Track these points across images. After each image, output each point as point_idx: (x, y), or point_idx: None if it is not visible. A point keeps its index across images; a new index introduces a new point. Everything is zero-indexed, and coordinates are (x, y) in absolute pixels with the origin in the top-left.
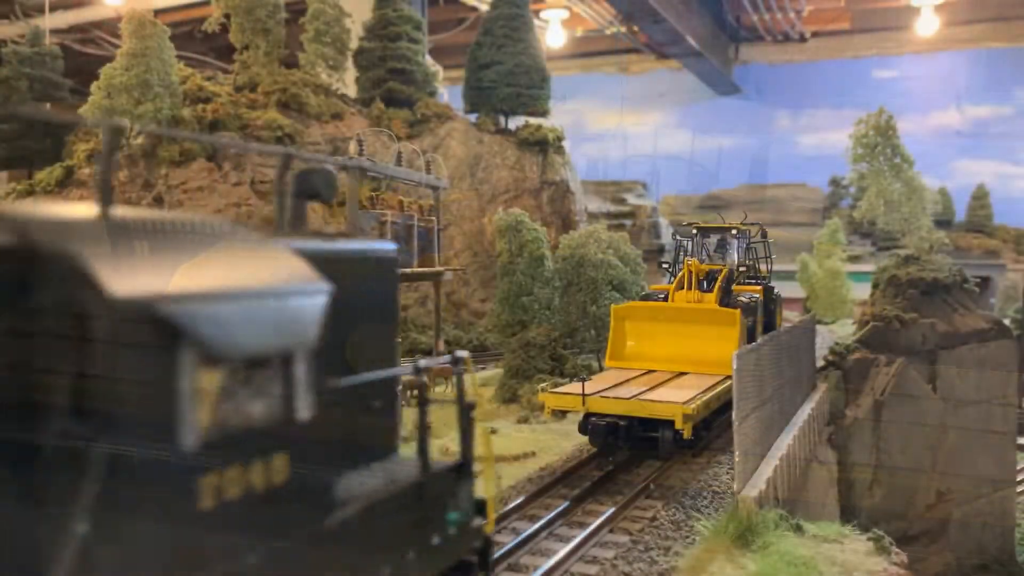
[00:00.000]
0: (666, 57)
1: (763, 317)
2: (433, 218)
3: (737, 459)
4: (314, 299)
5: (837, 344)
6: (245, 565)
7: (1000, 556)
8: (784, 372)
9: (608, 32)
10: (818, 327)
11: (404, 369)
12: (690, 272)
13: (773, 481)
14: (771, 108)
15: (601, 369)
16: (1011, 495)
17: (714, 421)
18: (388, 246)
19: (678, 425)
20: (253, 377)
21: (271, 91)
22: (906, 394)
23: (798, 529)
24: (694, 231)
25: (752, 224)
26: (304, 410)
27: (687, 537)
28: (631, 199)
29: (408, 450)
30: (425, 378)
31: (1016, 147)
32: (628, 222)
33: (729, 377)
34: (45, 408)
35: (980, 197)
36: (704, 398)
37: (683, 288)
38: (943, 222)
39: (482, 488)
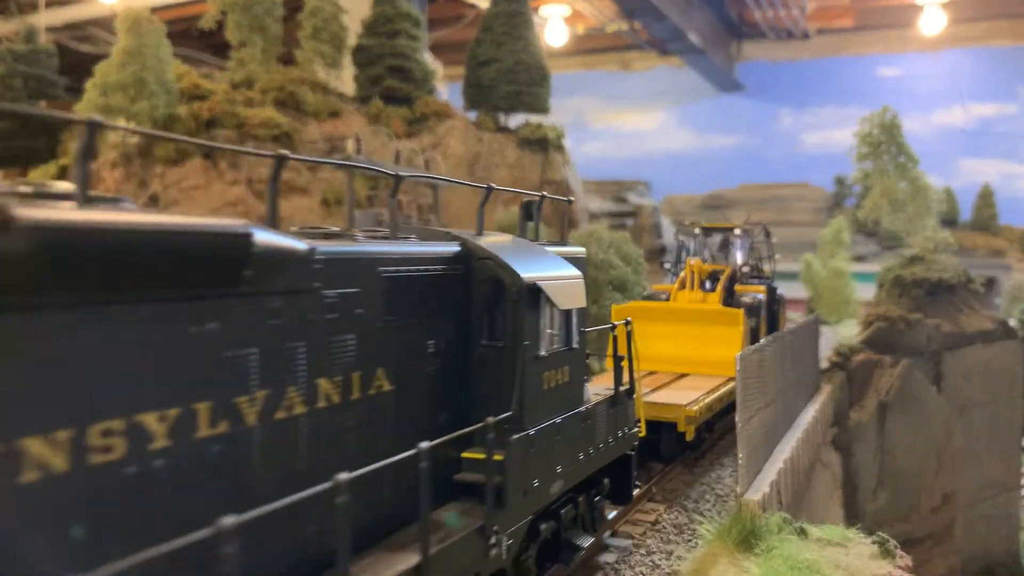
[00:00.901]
0: (668, 54)
1: (766, 318)
2: (432, 217)
3: (740, 462)
4: (581, 280)
5: (841, 345)
6: (555, 424)
7: (1005, 559)
8: (788, 374)
9: (609, 30)
10: (822, 327)
11: (607, 327)
12: (692, 272)
13: (777, 484)
14: (774, 106)
15: (602, 370)
16: (1016, 497)
17: (716, 423)
18: (581, 248)
19: (680, 427)
20: (562, 321)
21: (268, 89)
22: (911, 395)
23: (802, 532)
24: (697, 231)
25: (755, 224)
26: (575, 343)
27: (690, 541)
28: (632, 198)
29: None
30: (615, 333)
31: (1021, 146)
32: (629, 221)
33: (732, 379)
34: (481, 331)
35: (985, 196)
36: (707, 400)
37: (685, 288)
38: (948, 221)
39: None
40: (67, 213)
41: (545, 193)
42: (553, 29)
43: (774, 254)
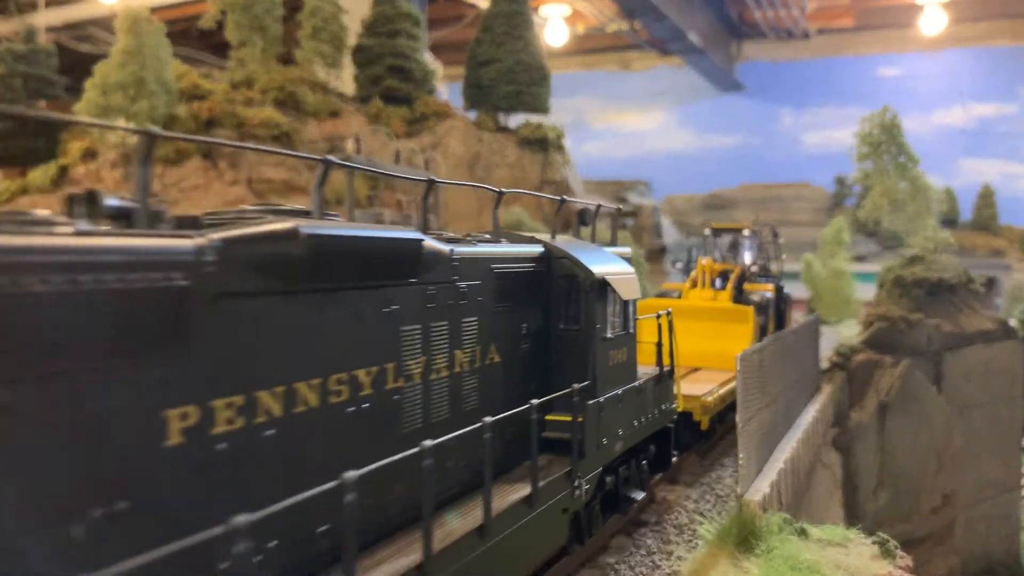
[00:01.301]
0: (668, 54)
1: (774, 315)
2: (431, 217)
3: (740, 462)
4: (635, 275)
5: (841, 345)
6: (618, 394)
7: (1006, 559)
8: (788, 374)
9: (609, 30)
10: (822, 327)
11: (654, 314)
12: (704, 271)
13: (777, 484)
14: (774, 106)
15: None
16: (1017, 497)
17: (726, 416)
18: (628, 248)
19: (696, 416)
20: (622, 309)
21: (268, 89)
22: (911, 396)
23: (802, 533)
24: (707, 231)
25: (764, 225)
26: (631, 328)
27: (690, 541)
28: (633, 198)
29: None
30: (661, 321)
31: (1021, 146)
32: (630, 221)
33: None
34: (559, 317)
35: (986, 196)
36: (720, 392)
37: (697, 286)
38: (948, 221)
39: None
40: (323, 226)
41: (601, 203)
42: (553, 29)
43: (781, 254)
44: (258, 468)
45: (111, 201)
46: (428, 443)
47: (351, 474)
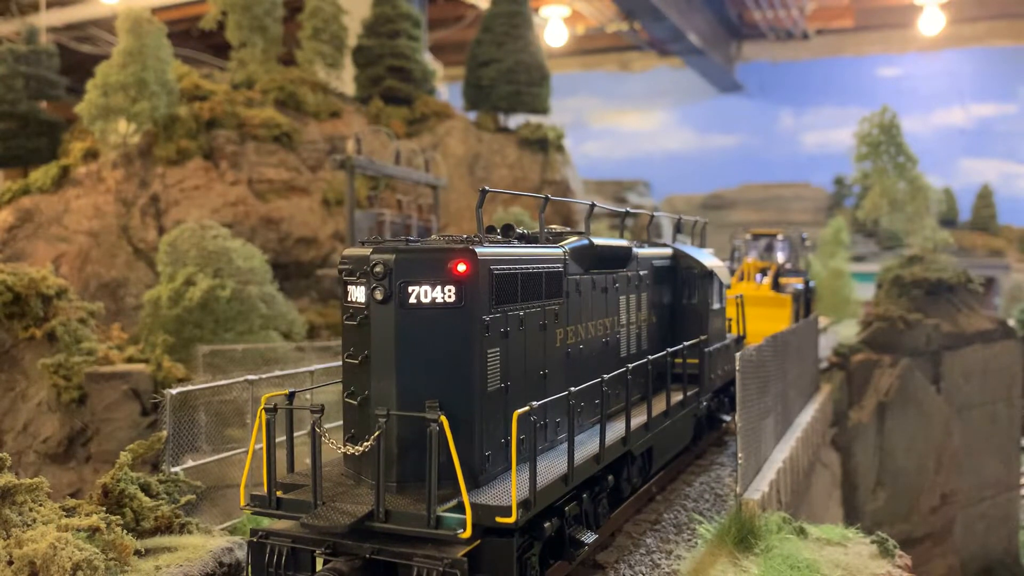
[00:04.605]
0: (668, 54)
1: (804, 303)
2: (432, 217)
3: (740, 461)
4: (725, 265)
5: (841, 345)
6: (717, 347)
7: (1005, 558)
8: (787, 373)
9: (609, 30)
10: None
11: (734, 296)
12: (748, 269)
13: (776, 483)
14: (774, 106)
15: None
16: (1015, 497)
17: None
18: (711, 249)
19: None
20: (719, 289)
21: (268, 89)
22: (910, 395)
23: (801, 532)
24: (748, 236)
25: (794, 230)
26: (723, 303)
27: (689, 540)
28: (632, 198)
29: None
30: (736, 303)
31: (1020, 146)
32: (629, 221)
33: None
34: (683, 295)
35: (984, 196)
36: None
37: (743, 280)
38: (947, 221)
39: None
40: (598, 238)
41: (698, 219)
42: (553, 29)
43: (807, 254)
44: (579, 363)
45: (518, 230)
46: (630, 365)
47: (606, 376)
